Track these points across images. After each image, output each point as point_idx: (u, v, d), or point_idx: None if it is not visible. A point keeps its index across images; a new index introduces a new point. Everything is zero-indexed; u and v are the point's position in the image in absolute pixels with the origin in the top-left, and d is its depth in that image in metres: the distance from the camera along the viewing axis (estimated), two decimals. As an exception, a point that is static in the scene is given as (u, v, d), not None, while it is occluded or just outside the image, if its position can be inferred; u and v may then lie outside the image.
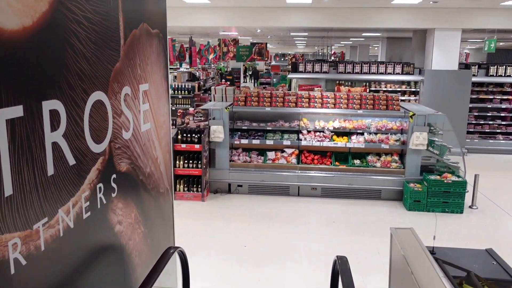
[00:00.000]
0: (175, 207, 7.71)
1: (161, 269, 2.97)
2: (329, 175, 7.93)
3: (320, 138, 8.10)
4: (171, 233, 4.33)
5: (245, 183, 8.10)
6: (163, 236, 4.06)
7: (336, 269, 3.45)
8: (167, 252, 3.22)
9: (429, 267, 2.05)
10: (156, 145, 3.73)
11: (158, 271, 2.94)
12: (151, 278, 2.83)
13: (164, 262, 3.06)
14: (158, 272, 2.92)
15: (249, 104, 8.25)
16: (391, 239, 3.16)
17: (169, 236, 4.24)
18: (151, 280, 2.81)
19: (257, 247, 5.90)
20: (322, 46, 20.07)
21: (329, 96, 8.17)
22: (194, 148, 7.70)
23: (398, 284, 2.82)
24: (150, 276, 2.86)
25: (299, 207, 7.50)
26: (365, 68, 11.85)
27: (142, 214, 3.43)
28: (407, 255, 2.27)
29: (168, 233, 4.23)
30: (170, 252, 3.22)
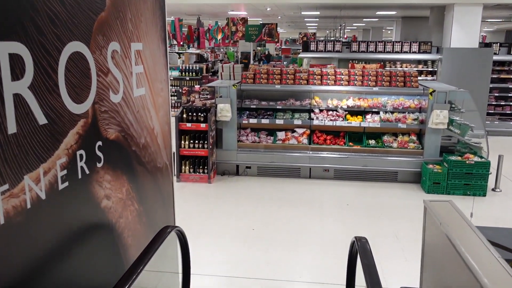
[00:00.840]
0: (180, 189, 7.40)
1: (154, 250, 2.61)
2: (343, 156, 7.51)
3: (333, 117, 7.66)
4: (171, 212, 3.97)
5: (254, 164, 7.72)
6: (162, 216, 3.70)
7: (354, 251, 3.06)
8: (163, 232, 2.85)
9: (481, 247, 1.65)
10: (152, 114, 3.35)
11: (151, 251, 2.58)
12: (142, 260, 2.46)
13: (158, 242, 2.70)
14: (150, 253, 2.56)
15: (258, 82, 7.83)
16: (424, 214, 2.75)
17: (168, 216, 3.88)
18: (142, 262, 2.45)
19: (266, 230, 5.54)
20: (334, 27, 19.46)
21: (342, 73, 7.70)
22: (200, 128, 7.31)
23: (435, 268, 2.42)
24: (141, 258, 2.49)
25: (311, 190, 7.11)
26: (380, 47, 11.31)
27: (136, 189, 3.06)
28: (451, 233, 1.87)
29: (168, 212, 3.86)
30: (166, 232, 2.86)
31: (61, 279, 2.14)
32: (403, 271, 4.61)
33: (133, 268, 2.40)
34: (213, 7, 13.35)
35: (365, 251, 2.58)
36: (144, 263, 2.45)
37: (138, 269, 2.39)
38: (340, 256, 4.88)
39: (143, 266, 2.44)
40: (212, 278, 4.42)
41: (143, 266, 2.43)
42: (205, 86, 7.57)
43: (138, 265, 2.42)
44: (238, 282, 4.34)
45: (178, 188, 7.22)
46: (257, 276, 4.46)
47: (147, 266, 3.47)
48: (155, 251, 2.61)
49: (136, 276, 2.35)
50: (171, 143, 3.86)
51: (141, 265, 2.43)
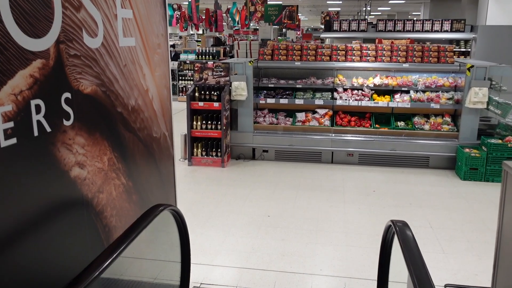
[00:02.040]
0: (191, 173, 6.89)
1: (138, 230, 2.07)
2: (368, 139, 6.86)
3: (358, 97, 7.01)
4: (171, 192, 3.43)
5: (271, 148, 7.14)
6: (159, 196, 3.16)
7: (389, 238, 2.47)
8: (154, 210, 2.30)
9: None
10: (146, 72, 2.80)
11: (133, 233, 2.04)
12: (120, 243, 1.93)
13: (145, 222, 2.16)
14: (132, 234, 2.02)
15: (277, 59, 7.22)
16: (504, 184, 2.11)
17: (168, 196, 3.34)
18: (119, 246, 1.91)
19: (282, 218, 4.97)
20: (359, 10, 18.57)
21: (369, 48, 7.03)
22: (213, 107, 6.77)
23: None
24: (120, 241, 1.96)
25: (333, 175, 6.49)
26: (408, 25, 10.53)
27: (123, 160, 2.53)
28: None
29: (167, 192, 3.33)
30: (157, 210, 2.31)
31: (9, 267, 1.62)
32: (442, 266, 3.98)
33: (107, 252, 1.86)
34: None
35: (406, 237, 1.99)
36: (122, 246, 1.91)
37: (113, 254, 1.85)
38: (366, 247, 4.28)
39: (121, 250, 1.90)
40: (221, 269, 3.89)
41: (121, 250, 1.90)
42: (219, 63, 7.00)
43: (114, 249, 1.88)
44: (249, 274, 3.79)
45: (189, 172, 6.71)
46: (272, 267, 3.90)
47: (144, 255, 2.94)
48: (139, 232, 2.08)
49: (111, 262, 1.82)
50: (171, 112, 3.32)
51: (118, 249, 1.90)
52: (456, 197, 5.64)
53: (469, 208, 5.27)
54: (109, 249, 1.89)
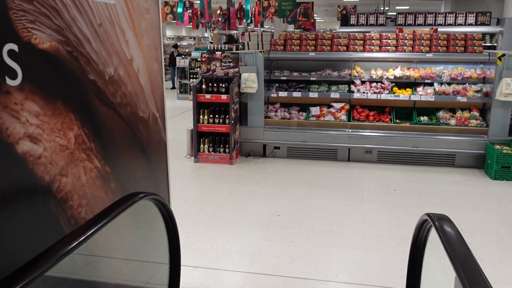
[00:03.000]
0: (197, 170, 6.45)
1: (103, 221, 1.62)
2: (388, 135, 6.34)
3: (377, 90, 6.50)
4: (163, 183, 2.99)
5: (283, 144, 6.67)
6: (148, 186, 2.71)
7: (422, 236, 1.98)
8: (130, 198, 1.85)
9: None
10: (129, 38, 2.37)
11: (95, 224, 1.59)
12: (74, 236, 1.48)
13: (115, 211, 1.71)
14: (94, 225, 1.57)
15: (289, 49, 6.76)
16: None
17: (158, 188, 2.89)
18: (75, 238, 1.46)
19: (293, 217, 4.49)
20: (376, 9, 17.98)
21: (389, 37, 6.52)
22: (220, 100, 6.33)
23: None
24: (76, 233, 1.51)
25: (350, 173, 5.99)
26: (429, 19, 9.97)
27: (98, 139, 2.09)
28: None
29: (157, 183, 2.88)
30: (135, 198, 1.86)
31: None
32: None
33: (56, 247, 1.42)
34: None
35: (450, 233, 1.51)
36: (76, 240, 1.47)
37: (64, 247, 1.41)
38: (389, 250, 3.77)
39: (75, 245, 1.45)
40: (222, 274, 3.42)
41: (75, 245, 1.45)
42: (228, 53, 6.58)
43: (65, 244, 1.43)
44: (253, 280, 3.32)
45: (195, 169, 6.27)
46: (279, 272, 3.42)
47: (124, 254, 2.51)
48: (106, 223, 1.63)
49: (62, 257, 1.38)
50: (163, 90, 2.87)
51: (72, 242, 1.45)
52: (488, 198, 5.09)
53: (504, 209, 4.72)
54: (58, 244, 1.44)
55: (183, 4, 13.39)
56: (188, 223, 4.35)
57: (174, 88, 15.47)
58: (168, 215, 2.27)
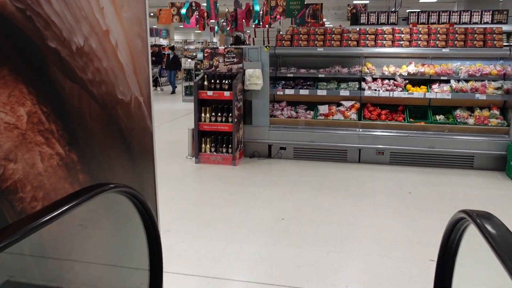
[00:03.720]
0: (197, 171, 6.09)
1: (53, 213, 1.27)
2: (402, 135, 5.94)
3: (389, 87, 6.11)
4: (148, 179, 2.63)
5: (290, 144, 6.30)
6: (128, 180, 2.36)
7: (455, 238, 1.60)
8: (95, 188, 1.50)
9: None
10: (105, 5, 2.03)
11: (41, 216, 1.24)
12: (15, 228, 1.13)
13: (71, 202, 1.36)
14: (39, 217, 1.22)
15: (296, 44, 6.41)
16: None
17: (142, 183, 2.54)
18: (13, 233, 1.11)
19: (299, 221, 4.11)
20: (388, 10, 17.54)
21: (403, 31, 6.15)
22: (223, 97, 5.99)
23: None
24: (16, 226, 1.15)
25: (361, 175, 5.59)
26: (443, 17, 9.55)
27: (61, 120, 1.74)
28: None
29: (142, 178, 2.53)
30: (101, 189, 1.51)
31: None
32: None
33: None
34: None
35: (503, 236, 1.13)
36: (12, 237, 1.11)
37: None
38: (405, 258, 3.37)
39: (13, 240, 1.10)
40: (217, 283, 3.05)
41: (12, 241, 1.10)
42: (231, 48, 6.24)
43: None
44: (254, 290, 2.95)
45: (195, 170, 5.92)
46: (283, 282, 3.04)
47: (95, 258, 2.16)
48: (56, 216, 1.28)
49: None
50: (149, 72, 2.53)
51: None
52: (511, 201, 4.67)
53: (531, 214, 4.30)
54: None
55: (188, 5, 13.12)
56: (184, 226, 3.99)
57: (174, 92, 15.13)
58: (145, 213, 1.91)
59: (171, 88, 15.55)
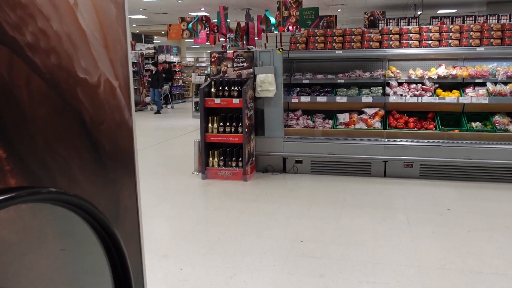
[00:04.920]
0: (204, 187, 5.47)
1: None
2: (433, 144, 5.27)
3: (417, 92, 5.48)
4: (127, 190, 2.02)
5: (307, 157, 5.67)
6: (96, 190, 1.77)
7: None
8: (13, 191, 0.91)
9: None
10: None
11: None
12: None
13: None
14: None
15: (312, 47, 5.85)
16: None
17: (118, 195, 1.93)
18: None
19: (320, 243, 3.46)
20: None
21: (431, 30, 5.54)
22: (232, 104, 5.42)
23: None
24: None
25: (388, 190, 4.93)
26: (468, 21, 8.96)
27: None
28: None
29: (117, 189, 1.93)
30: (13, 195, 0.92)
31: None
32: None
33: None
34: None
35: None
36: None
37: None
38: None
39: None
40: (220, 323, 2.40)
41: None
42: (241, 51, 5.70)
43: None
44: (266, 334, 2.29)
45: (202, 185, 5.32)
46: (304, 322, 2.38)
47: None
48: None
49: None
50: (127, 50, 1.95)
51: None
52: None
53: None
54: None
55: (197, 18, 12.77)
56: (184, 250, 3.37)
57: (159, 112, 13.88)
58: (105, 233, 1.31)
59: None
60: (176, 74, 18.17)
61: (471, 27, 5.39)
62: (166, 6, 14.92)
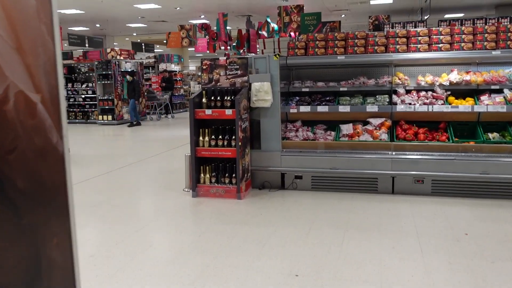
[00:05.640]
0: (194, 207, 4.99)
1: None
2: (446, 158, 4.78)
3: (427, 100, 5.01)
4: (54, 238, 1.57)
5: (307, 172, 5.20)
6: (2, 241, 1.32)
7: None
8: None
9: None
10: None
11: None
12: None
13: None
14: None
15: (312, 53, 5.40)
16: None
17: (36, 245, 1.49)
18: None
19: (319, 278, 2.97)
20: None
21: (441, 32, 5.08)
22: (224, 116, 4.97)
23: None
24: None
25: (396, 209, 4.44)
26: (479, 25, 8.46)
27: None
28: None
29: (35, 236, 1.48)
30: None
31: None
32: None
33: None
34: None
35: None
36: None
37: None
38: None
39: None
40: None
41: None
42: (234, 58, 5.25)
43: None
44: None
45: (192, 204, 4.86)
46: None
47: None
48: None
49: None
50: (56, 55, 1.51)
51: None
52: None
53: None
54: None
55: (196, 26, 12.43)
56: (162, 284, 2.90)
57: (133, 125, 12.79)
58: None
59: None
60: (178, 83, 17.81)
61: (485, 29, 4.91)
62: (165, 14, 14.60)
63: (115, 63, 13.49)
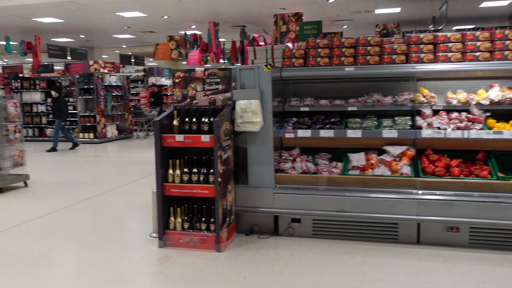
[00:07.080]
0: (160, 262, 2.77)
1: None
2: (489, 200, 3.65)
3: (461, 124, 3.90)
4: None
5: (307, 215, 4.06)
6: None
7: None
8: None
9: None
10: None
11: None
12: None
13: None
14: None
15: (313, 63, 4.30)
16: None
17: None
18: None
19: None
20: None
21: (478, 37, 3.99)
22: (200, 143, 3.85)
23: None
24: None
25: (426, 268, 3.30)
26: (502, 34, 7.41)
27: None
28: None
29: None
30: None
31: None
32: None
33: None
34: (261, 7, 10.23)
35: None
36: None
37: None
38: None
39: None
40: None
41: None
42: (215, 69, 4.14)
43: None
44: None
45: (158, 259, 3.70)
46: None
47: None
48: None
49: None
50: None
51: None
52: None
53: None
54: None
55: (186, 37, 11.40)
56: None
57: (52, 150, 10.64)
58: None
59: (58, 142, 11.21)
60: (168, 98, 16.75)
61: (536, 33, 3.83)
62: (152, 24, 13.58)
63: (98, 76, 12.41)
